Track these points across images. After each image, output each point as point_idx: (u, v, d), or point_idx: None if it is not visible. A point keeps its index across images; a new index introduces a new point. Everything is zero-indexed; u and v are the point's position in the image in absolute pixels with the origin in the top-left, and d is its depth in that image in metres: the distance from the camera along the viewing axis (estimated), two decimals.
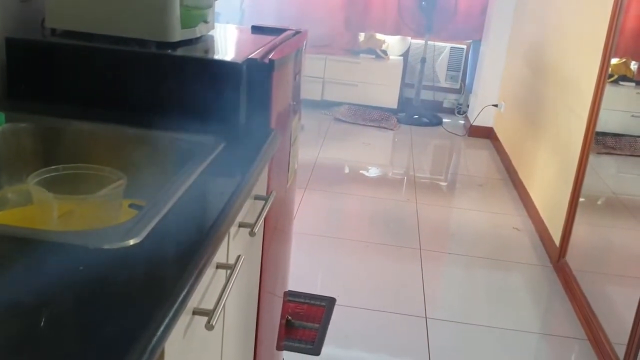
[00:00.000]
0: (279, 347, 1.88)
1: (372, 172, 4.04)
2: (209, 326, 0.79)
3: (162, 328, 0.62)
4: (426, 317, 2.40)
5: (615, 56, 2.62)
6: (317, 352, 2.15)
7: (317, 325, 2.28)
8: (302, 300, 2.44)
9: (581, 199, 2.75)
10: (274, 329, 1.73)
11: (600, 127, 2.67)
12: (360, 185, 3.75)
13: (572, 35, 3.25)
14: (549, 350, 2.31)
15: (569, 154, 2.92)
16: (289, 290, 2.34)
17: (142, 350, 0.58)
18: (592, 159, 2.70)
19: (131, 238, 0.77)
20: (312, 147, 4.24)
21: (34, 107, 1.25)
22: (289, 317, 2.29)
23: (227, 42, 1.57)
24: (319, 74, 5.14)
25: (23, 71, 1.31)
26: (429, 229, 3.18)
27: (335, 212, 3.38)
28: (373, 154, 4.39)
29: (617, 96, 2.63)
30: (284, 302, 1.92)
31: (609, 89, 2.63)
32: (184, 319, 0.77)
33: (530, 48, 4.11)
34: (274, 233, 1.53)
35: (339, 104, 5.15)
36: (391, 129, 4.88)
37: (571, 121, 2.98)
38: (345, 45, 5.30)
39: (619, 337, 2.16)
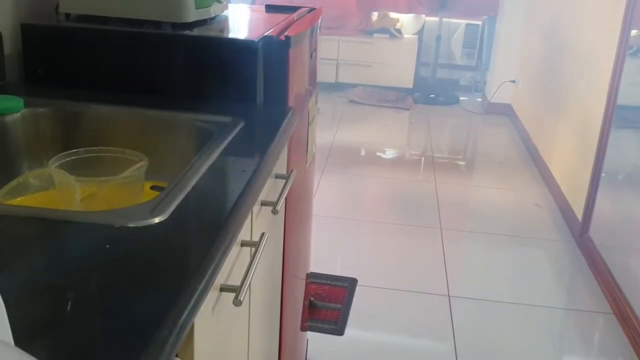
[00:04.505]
0: (303, 328, 1.88)
1: (389, 153, 4.01)
2: (237, 302, 0.78)
3: (191, 303, 0.62)
4: (449, 296, 2.38)
5: (634, 28, 2.56)
6: (340, 332, 2.15)
7: (339, 306, 2.28)
8: (324, 281, 2.44)
9: (602, 174, 2.71)
10: (298, 310, 1.72)
11: (621, 100, 2.61)
12: (378, 167, 3.73)
13: (590, 7, 3.18)
14: (574, 325, 2.28)
15: (589, 129, 2.87)
16: (311, 272, 2.34)
17: (173, 324, 0.58)
18: (613, 133, 2.66)
19: (156, 216, 0.76)
20: (328, 129, 4.22)
21: (51, 92, 1.25)
22: (312, 298, 2.29)
23: (241, 21, 1.55)
24: (332, 56, 5.10)
25: (39, 57, 1.31)
26: (449, 208, 3.16)
27: (353, 194, 3.37)
28: (389, 135, 4.36)
29: (637, 68, 2.58)
30: (307, 283, 1.91)
31: (628, 62, 2.57)
32: (212, 295, 0.76)
33: (547, 22, 4.04)
34: (295, 214, 1.52)
35: (354, 85, 5.11)
36: (407, 109, 4.84)
37: (591, 95, 2.93)
38: (358, 26, 5.25)
39: None
